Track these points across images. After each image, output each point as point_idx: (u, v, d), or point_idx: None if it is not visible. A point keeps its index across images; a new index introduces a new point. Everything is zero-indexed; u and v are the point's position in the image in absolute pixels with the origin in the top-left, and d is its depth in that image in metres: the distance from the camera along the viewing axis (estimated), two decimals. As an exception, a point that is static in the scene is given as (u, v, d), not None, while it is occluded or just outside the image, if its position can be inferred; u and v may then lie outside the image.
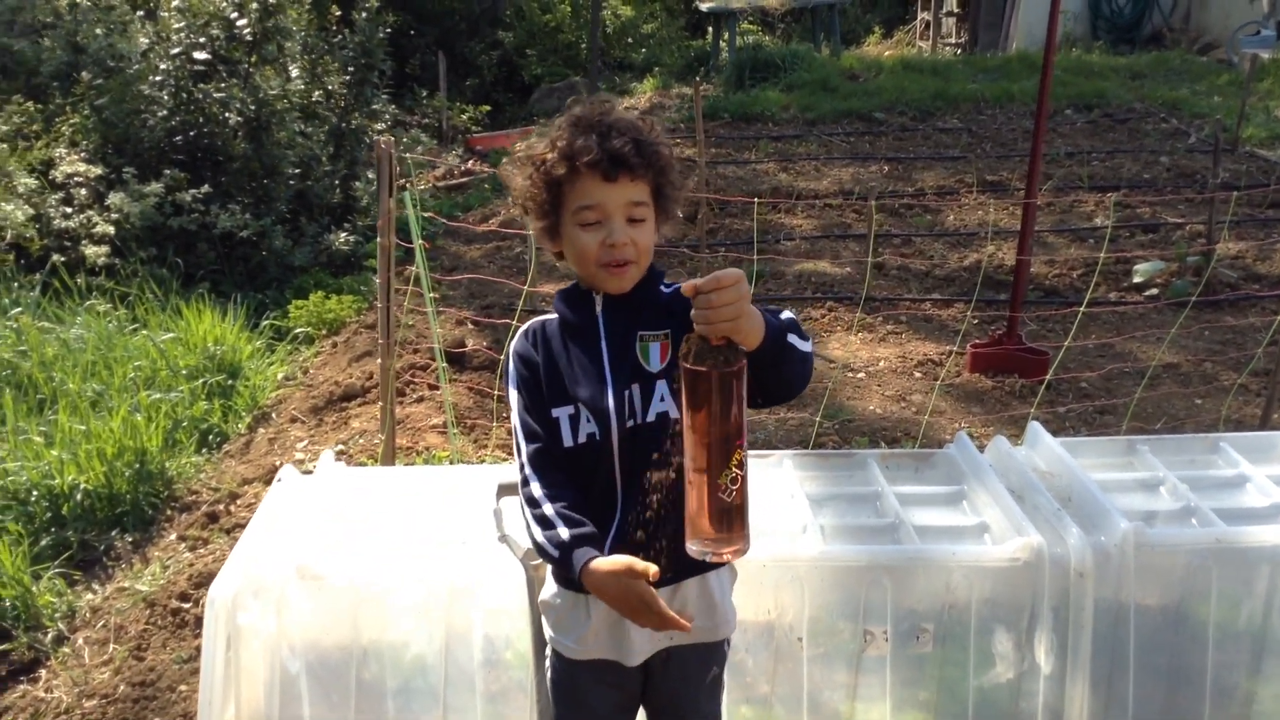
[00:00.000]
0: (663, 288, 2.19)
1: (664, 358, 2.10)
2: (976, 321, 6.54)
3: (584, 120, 2.07)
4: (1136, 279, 7.14)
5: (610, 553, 2.05)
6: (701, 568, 2.13)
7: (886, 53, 17.43)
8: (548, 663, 2.41)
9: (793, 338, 1.99)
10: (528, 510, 2.12)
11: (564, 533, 2.05)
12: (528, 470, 2.13)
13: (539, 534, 2.09)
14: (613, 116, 2.07)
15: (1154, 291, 7.05)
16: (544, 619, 2.37)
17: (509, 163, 2.21)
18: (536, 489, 2.10)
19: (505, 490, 2.61)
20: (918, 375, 5.95)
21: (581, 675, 2.30)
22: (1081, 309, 5.33)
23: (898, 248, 8.30)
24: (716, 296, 1.77)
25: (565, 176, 2.05)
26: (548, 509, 2.08)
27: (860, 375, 5.96)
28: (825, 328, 6.73)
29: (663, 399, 2.10)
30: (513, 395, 2.19)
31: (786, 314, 2.04)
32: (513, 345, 2.25)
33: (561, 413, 2.13)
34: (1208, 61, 14.40)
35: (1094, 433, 5.14)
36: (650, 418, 2.10)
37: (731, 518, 1.88)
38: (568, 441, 2.12)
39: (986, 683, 3.04)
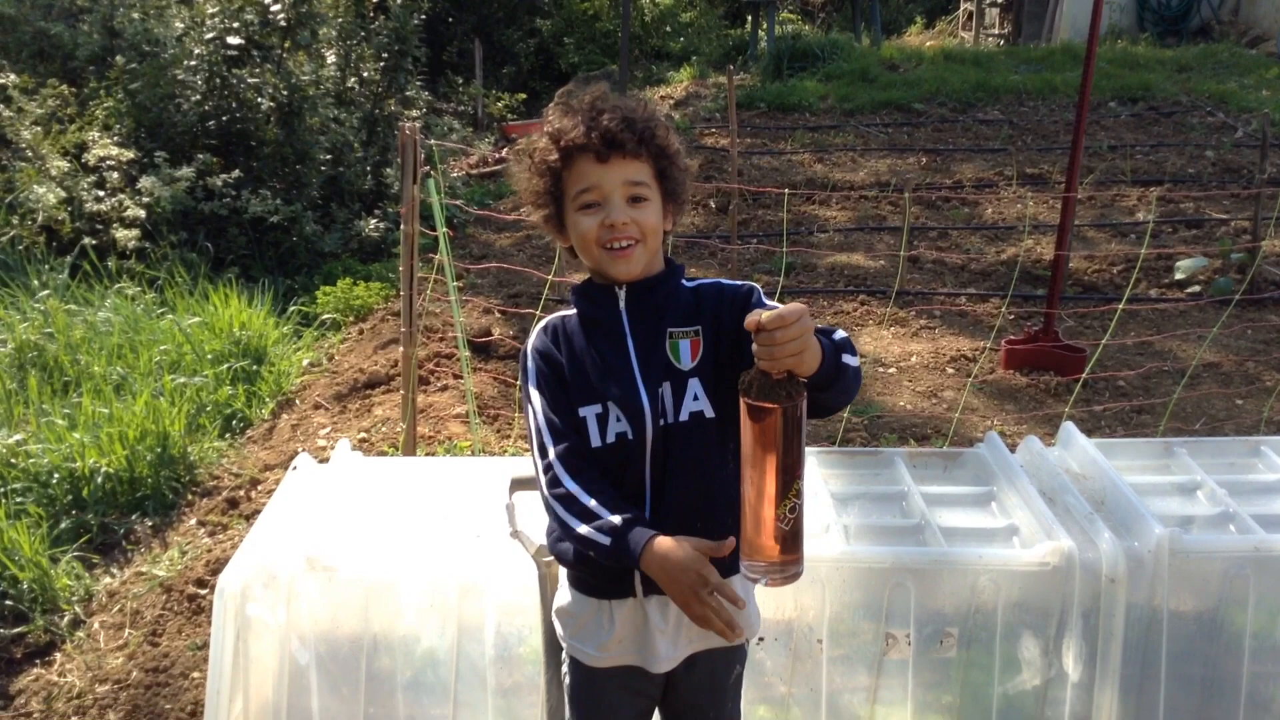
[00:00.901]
0: (685, 282, 2.13)
1: (694, 355, 2.05)
2: (1012, 317, 6.41)
3: (572, 105, 2.04)
4: (1179, 275, 6.98)
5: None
6: (727, 572, 2.03)
7: (928, 43, 17.23)
8: (564, 669, 2.35)
9: (846, 358, 1.94)
10: (560, 508, 2.02)
11: (615, 518, 1.95)
12: (558, 469, 2.03)
13: (582, 528, 1.98)
14: (600, 100, 2.03)
15: (1196, 289, 6.89)
16: (560, 627, 2.30)
17: (512, 160, 2.17)
18: (572, 486, 2.01)
19: (518, 485, 2.56)
20: (950, 371, 5.83)
21: (602, 683, 2.24)
22: (1120, 305, 5.19)
23: (933, 241, 8.17)
24: (781, 334, 1.72)
25: (560, 163, 2.01)
26: (590, 502, 1.98)
27: (891, 370, 5.86)
28: (857, 321, 6.62)
29: (696, 398, 2.04)
30: (534, 395, 2.10)
31: (840, 333, 1.96)
32: (531, 342, 2.16)
33: (589, 411, 2.06)
34: (1257, 55, 14.12)
35: (1130, 433, 5.01)
36: (684, 417, 2.04)
37: (789, 545, 1.88)
38: (595, 441, 2.05)
39: (1012, 689, 2.96)
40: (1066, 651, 2.90)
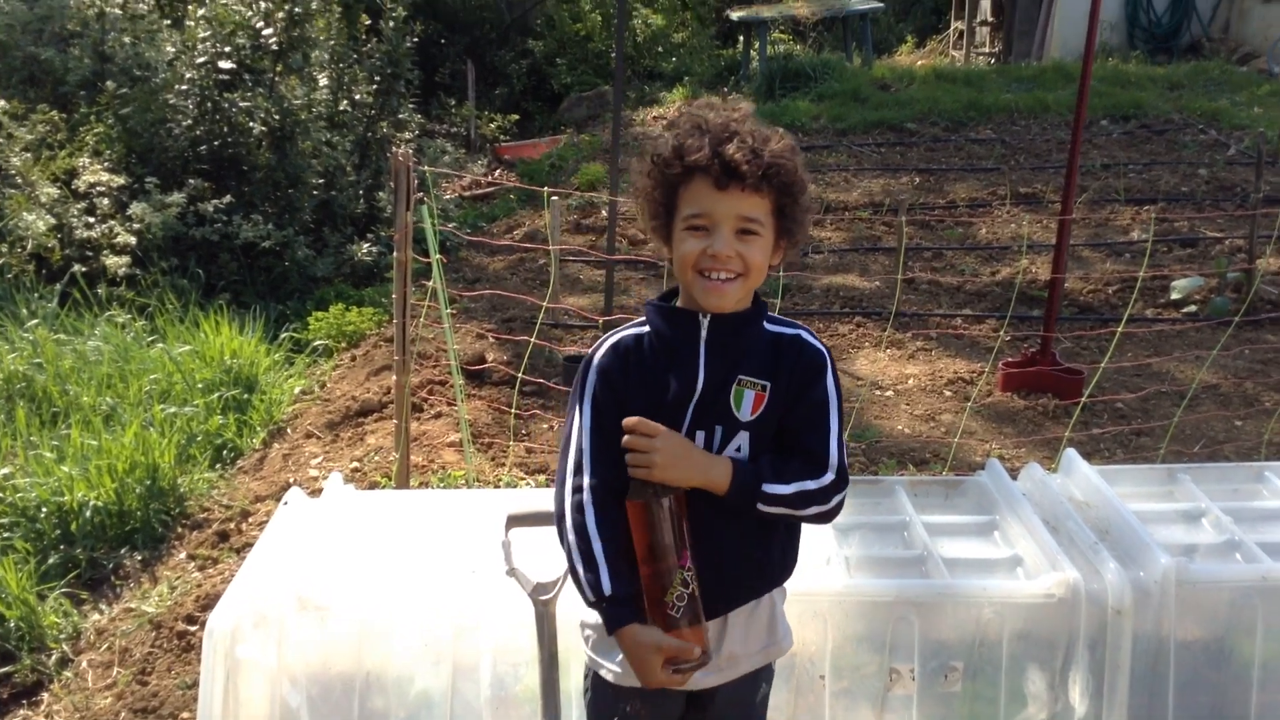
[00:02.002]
0: (766, 324, 2.10)
1: (756, 409, 2.04)
2: (1009, 339, 6.37)
3: (705, 123, 1.98)
4: (1174, 295, 6.96)
5: None
6: (745, 598, 2.15)
7: (919, 62, 17.27)
8: (586, 684, 2.31)
9: (771, 487, 2.01)
10: (573, 537, 2.03)
11: (607, 586, 1.99)
12: (587, 501, 2.02)
13: (581, 570, 2.01)
14: (736, 123, 1.98)
15: (1192, 308, 6.87)
16: (584, 640, 2.27)
17: (634, 160, 2.13)
18: (592, 524, 2.01)
19: (514, 521, 2.51)
20: (948, 394, 5.79)
21: (623, 701, 2.21)
22: (1120, 329, 5.16)
23: (928, 261, 8.15)
24: (629, 441, 1.98)
25: (679, 178, 1.98)
26: (597, 549, 2.01)
27: (889, 393, 5.82)
28: (853, 344, 6.58)
29: (739, 450, 2.04)
30: (585, 411, 2.07)
31: (791, 485, 2.03)
32: (596, 359, 2.11)
33: None
34: (1247, 72, 14.16)
35: (1130, 456, 4.97)
36: None
37: (684, 634, 1.99)
38: None
39: (1018, 724, 2.91)
40: (1073, 685, 2.86)
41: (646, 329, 2.10)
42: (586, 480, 2.03)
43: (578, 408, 2.09)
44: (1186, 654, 2.89)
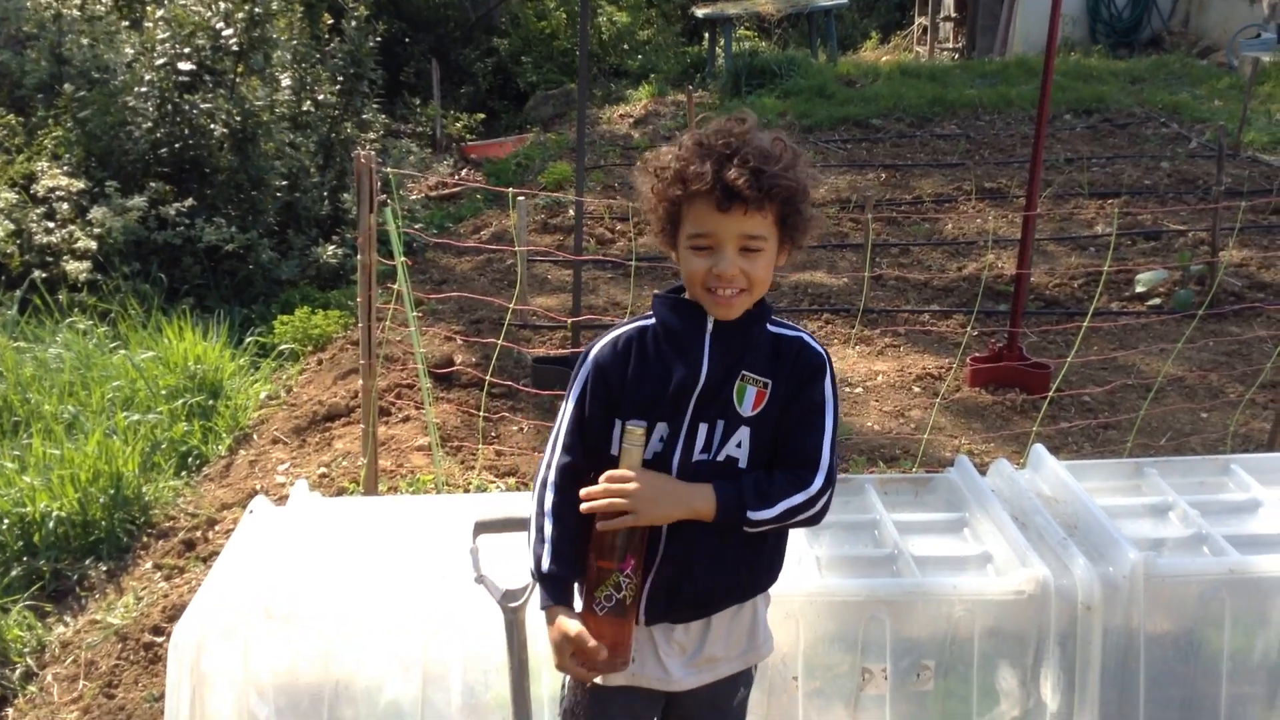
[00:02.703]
0: (769, 326, 2.14)
1: (757, 405, 2.08)
2: (976, 334, 6.40)
3: (707, 143, 2.01)
4: (1139, 289, 7.00)
5: (647, 582, 2.10)
6: (725, 603, 2.19)
7: (884, 58, 17.33)
8: (564, 689, 2.32)
9: (754, 513, 2.04)
10: (534, 513, 2.16)
11: (546, 563, 2.11)
12: (552, 477, 2.14)
13: (532, 542, 2.15)
14: (739, 141, 1.99)
15: (1156, 301, 6.92)
16: None
17: (638, 170, 2.15)
18: (549, 501, 2.13)
19: (482, 528, 2.50)
20: (916, 390, 5.81)
21: (604, 704, 2.23)
22: (1085, 323, 5.19)
23: (895, 257, 8.17)
24: (608, 490, 2.01)
25: (681, 198, 2.02)
26: (548, 527, 2.12)
27: (858, 390, 5.83)
28: (822, 341, 6.55)
29: (739, 445, 2.09)
30: (571, 402, 2.15)
31: (777, 507, 2.06)
32: (594, 352, 2.16)
33: (636, 425, 2.08)
34: (1208, 65, 14.29)
35: (1098, 449, 5.00)
36: (720, 458, 2.09)
37: (603, 631, 2.04)
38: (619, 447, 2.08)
39: (990, 721, 2.92)
40: (1044, 681, 2.87)
41: (651, 322, 2.15)
42: (557, 460, 2.14)
43: (570, 396, 2.16)
44: (1156, 647, 2.91)
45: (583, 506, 2.02)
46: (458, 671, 2.78)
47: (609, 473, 2.03)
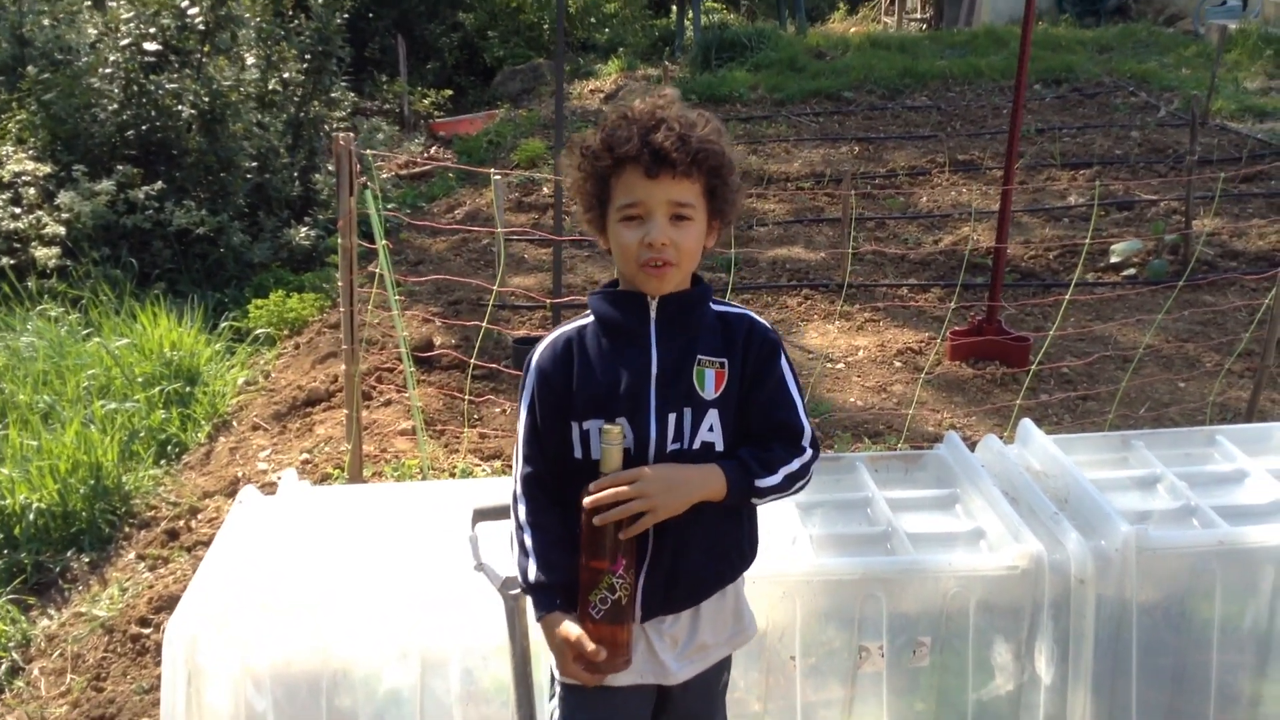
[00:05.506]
0: (713, 305, 2.13)
1: (719, 386, 2.07)
2: (955, 307, 6.43)
3: (632, 113, 2.01)
4: (1114, 259, 7.05)
5: (641, 578, 2.08)
6: (715, 588, 2.18)
7: (852, 30, 17.31)
8: (555, 700, 2.29)
9: (762, 480, 2.06)
10: (513, 530, 2.16)
11: (534, 573, 2.09)
12: (520, 489, 2.13)
13: (518, 557, 2.14)
14: (663, 110, 2.00)
15: (1131, 271, 6.97)
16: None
17: (564, 155, 2.14)
18: (523, 512, 2.12)
19: (481, 516, 2.47)
20: (897, 364, 5.83)
21: (598, 704, 2.20)
22: (1067, 297, 5.21)
23: (871, 231, 8.18)
24: (620, 494, 1.96)
25: (610, 169, 2.00)
26: (528, 538, 2.11)
27: (839, 366, 5.84)
28: (802, 316, 6.59)
29: (711, 429, 2.07)
30: (523, 409, 2.13)
31: (779, 474, 2.08)
32: (535, 358, 2.13)
33: (594, 425, 2.05)
34: (1174, 33, 14.38)
35: (1078, 421, 5.04)
36: (696, 445, 2.06)
37: (601, 635, 2.02)
38: (596, 455, 2.04)
39: (986, 695, 2.95)
40: (1039, 654, 2.89)
41: (589, 320, 2.12)
42: (521, 473, 2.13)
43: (521, 407, 2.14)
44: (1148, 619, 2.93)
45: (596, 520, 1.96)
46: (456, 658, 2.76)
47: (607, 478, 1.98)
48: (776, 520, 3.06)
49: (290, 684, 2.74)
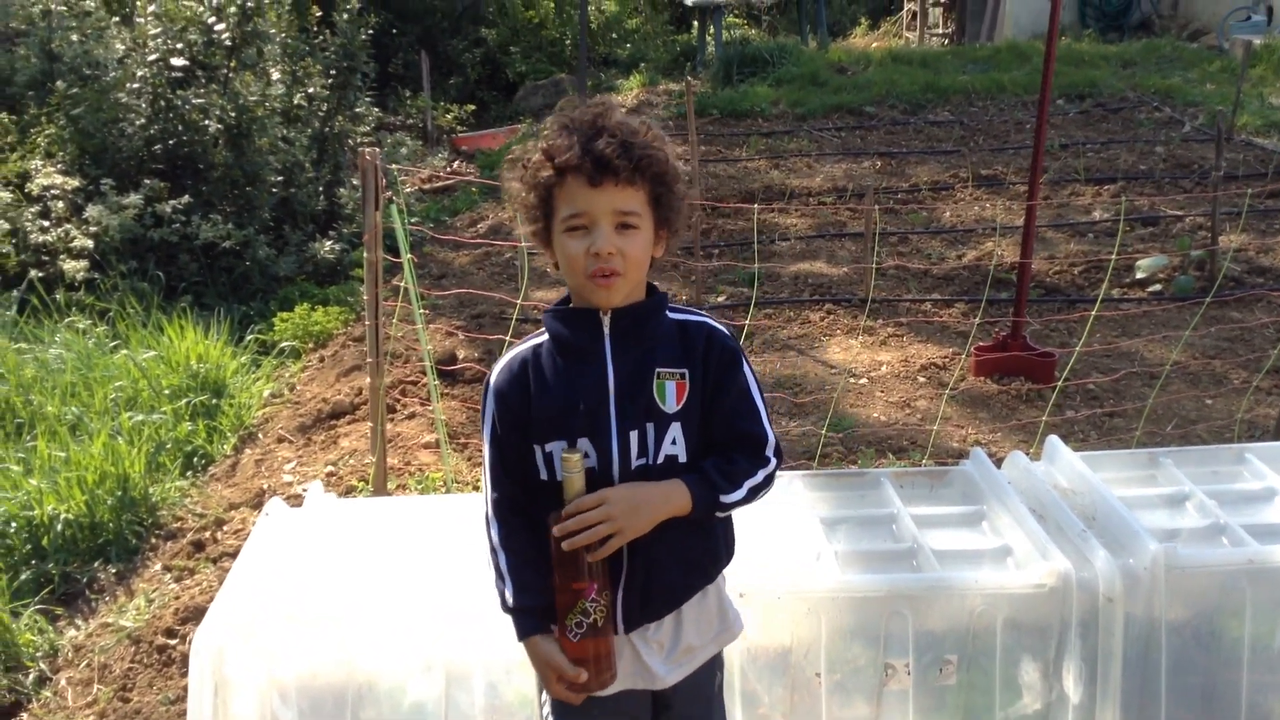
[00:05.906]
0: (669, 313, 2.10)
1: (680, 398, 2.04)
2: (979, 323, 6.41)
3: (572, 122, 1.98)
4: (1139, 275, 7.02)
5: (618, 594, 2.06)
6: (692, 593, 2.17)
7: (874, 44, 17.30)
8: (547, 709, 2.28)
9: (729, 496, 2.06)
10: (488, 550, 2.15)
11: (510, 598, 2.10)
12: (490, 512, 2.13)
13: (494, 580, 2.14)
14: (603, 119, 1.97)
15: (1157, 287, 6.93)
16: None
17: (505, 164, 2.12)
18: (495, 537, 2.11)
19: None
20: (921, 380, 5.81)
21: (591, 712, 2.18)
22: (1093, 313, 5.19)
23: (894, 246, 8.17)
24: (586, 519, 1.94)
25: (552, 180, 1.97)
26: (502, 561, 2.11)
27: (863, 381, 5.82)
28: (825, 331, 6.58)
29: (674, 442, 2.05)
30: (486, 434, 2.13)
31: (743, 488, 2.08)
32: (492, 381, 2.12)
33: (555, 447, 2.03)
34: (1198, 48, 14.31)
35: (1104, 438, 5.01)
36: (660, 460, 2.05)
37: (582, 654, 2.03)
38: (561, 476, 2.01)
39: (1013, 714, 2.94)
40: (1067, 673, 2.87)
41: (544, 339, 2.11)
42: (490, 497, 2.12)
43: (484, 430, 2.14)
44: (1177, 638, 2.91)
45: (565, 545, 1.95)
46: (480, 671, 2.77)
47: (572, 504, 1.96)
48: (802, 536, 3.06)
49: (316, 696, 2.75)
